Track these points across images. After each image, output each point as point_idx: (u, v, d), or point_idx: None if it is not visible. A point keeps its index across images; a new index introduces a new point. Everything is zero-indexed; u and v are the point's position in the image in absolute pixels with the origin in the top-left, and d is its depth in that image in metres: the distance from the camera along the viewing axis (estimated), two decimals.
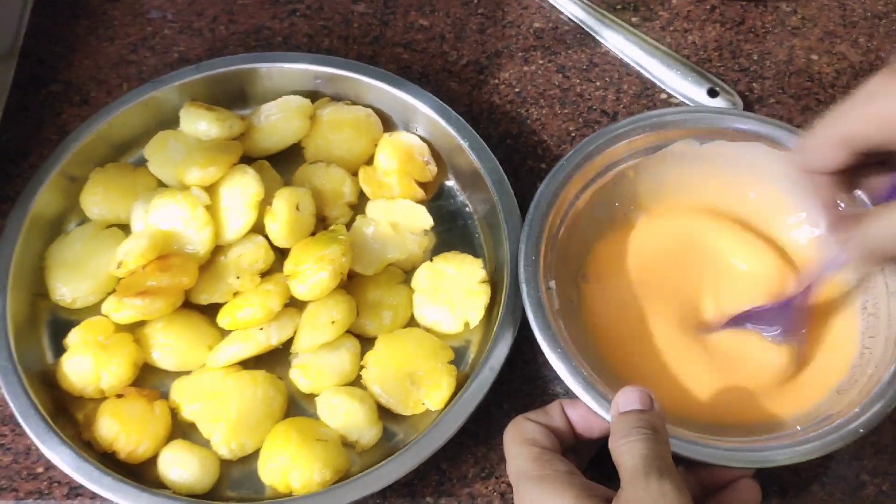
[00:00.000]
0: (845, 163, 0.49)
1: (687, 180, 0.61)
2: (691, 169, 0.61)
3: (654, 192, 0.61)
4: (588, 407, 0.51)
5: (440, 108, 0.64)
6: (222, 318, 0.58)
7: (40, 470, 0.56)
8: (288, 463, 0.53)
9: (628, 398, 0.48)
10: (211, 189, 0.60)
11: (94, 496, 0.55)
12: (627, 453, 0.45)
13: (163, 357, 0.58)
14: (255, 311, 0.56)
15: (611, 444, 0.47)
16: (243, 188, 0.60)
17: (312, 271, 0.56)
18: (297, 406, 0.58)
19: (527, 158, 0.67)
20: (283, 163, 0.65)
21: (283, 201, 0.59)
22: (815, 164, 0.50)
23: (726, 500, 0.50)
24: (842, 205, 0.53)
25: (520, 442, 0.50)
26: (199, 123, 0.63)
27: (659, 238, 0.61)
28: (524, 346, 0.58)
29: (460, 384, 0.57)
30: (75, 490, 0.55)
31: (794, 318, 0.56)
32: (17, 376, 0.55)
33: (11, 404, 0.54)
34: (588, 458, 0.54)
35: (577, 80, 0.71)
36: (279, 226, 0.59)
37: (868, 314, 0.57)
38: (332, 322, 0.56)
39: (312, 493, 0.52)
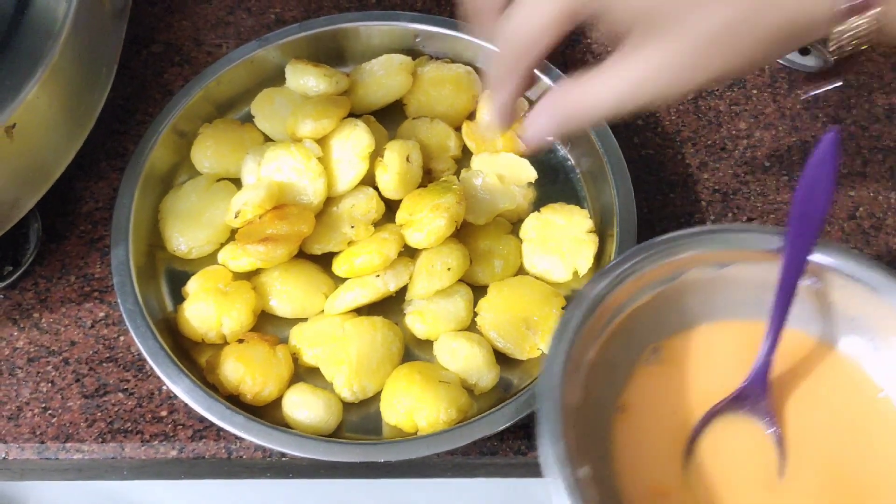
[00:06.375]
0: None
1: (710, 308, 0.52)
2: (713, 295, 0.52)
3: (678, 325, 0.52)
4: None
5: (542, 64, 0.65)
6: (339, 266, 0.59)
7: (164, 413, 0.57)
8: (414, 403, 0.54)
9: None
10: (321, 142, 0.61)
11: (217, 438, 0.56)
12: None
13: (280, 304, 0.59)
14: (373, 257, 0.57)
15: None
16: (355, 140, 0.61)
17: (429, 219, 0.58)
18: (410, 352, 0.59)
19: None
20: (385, 120, 0.66)
21: (395, 153, 0.60)
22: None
23: None
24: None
25: None
26: (307, 79, 0.64)
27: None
28: None
29: None
30: (199, 433, 0.57)
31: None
32: (144, 320, 0.56)
33: (141, 346, 0.55)
34: None
35: None
36: (391, 177, 0.60)
37: None
38: (448, 269, 0.57)
39: (439, 431, 0.53)
